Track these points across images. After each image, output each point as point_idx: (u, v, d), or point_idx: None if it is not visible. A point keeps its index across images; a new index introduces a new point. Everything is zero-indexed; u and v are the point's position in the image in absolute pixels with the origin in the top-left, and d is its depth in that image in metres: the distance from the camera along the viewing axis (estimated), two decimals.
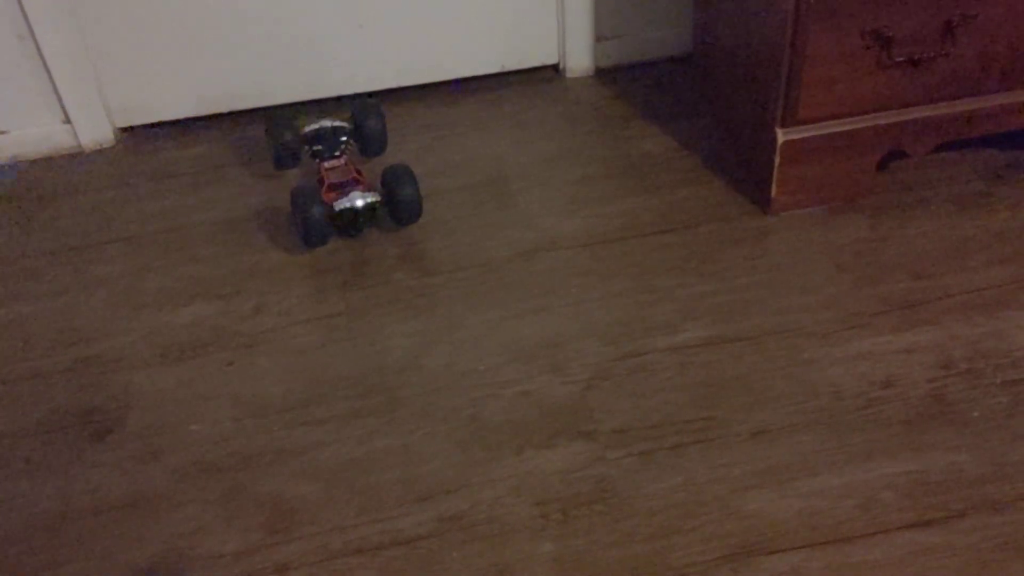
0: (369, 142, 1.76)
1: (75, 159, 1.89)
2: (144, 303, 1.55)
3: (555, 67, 2.02)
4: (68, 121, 1.88)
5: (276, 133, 1.70)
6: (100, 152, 1.90)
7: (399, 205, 1.60)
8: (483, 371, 1.38)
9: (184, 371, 1.43)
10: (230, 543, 1.19)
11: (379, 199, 1.59)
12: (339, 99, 1.96)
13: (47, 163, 1.89)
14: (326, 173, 1.64)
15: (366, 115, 1.75)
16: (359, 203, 1.57)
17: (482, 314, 1.48)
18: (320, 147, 1.69)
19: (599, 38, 1.97)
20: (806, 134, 1.52)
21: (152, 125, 1.94)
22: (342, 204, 1.56)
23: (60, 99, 1.85)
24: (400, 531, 1.19)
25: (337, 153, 1.68)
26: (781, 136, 1.51)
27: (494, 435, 1.30)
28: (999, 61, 1.49)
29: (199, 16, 1.82)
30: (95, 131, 1.90)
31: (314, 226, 1.56)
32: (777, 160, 1.53)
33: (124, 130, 1.94)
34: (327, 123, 1.71)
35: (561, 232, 1.62)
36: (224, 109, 1.95)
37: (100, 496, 1.26)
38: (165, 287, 1.58)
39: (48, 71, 1.82)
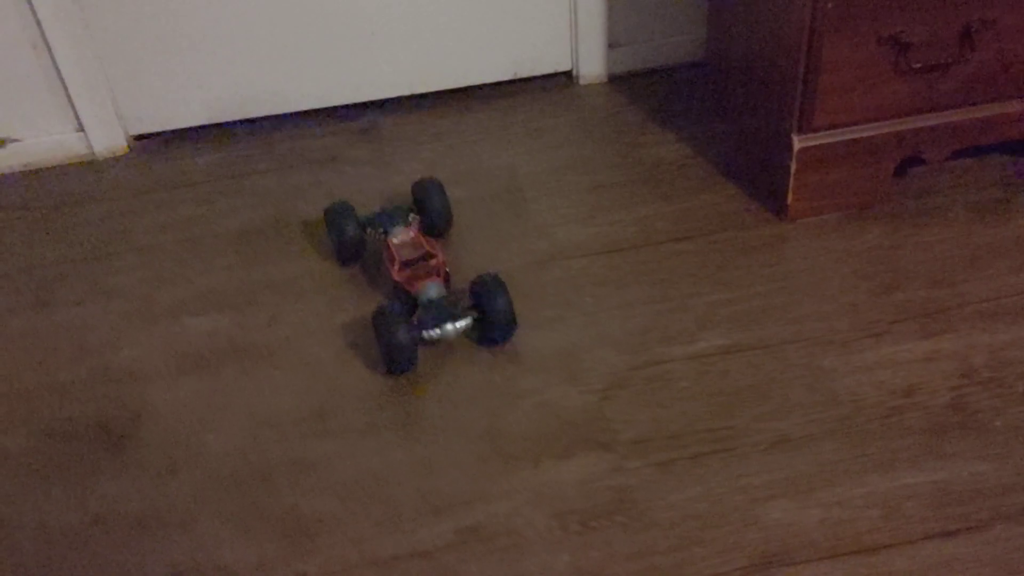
0: (434, 221, 1.61)
1: (88, 167, 1.89)
2: (159, 314, 1.55)
3: (568, 74, 2.01)
4: (81, 129, 1.89)
5: (337, 227, 1.56)
6: (114, 160, 1.90)
7: (494, 322, 1.40)
8: (499, 382, 1.38)
9: (199, 383, 1.42)
10: (247, 556, 1.19)
11: (472, 318, 1.41)
12: (352, 107, 1.96)
13: (61, 171, 1.89)
14: (395, 249, 1.50)
15: (428, 193, 1.61)
16: (452, 334, 1.39)
17: None
18: (384, 225, 1.56)
19: (612, 44, 1.96)
20: (823, 141, 1.51)
21: (165, 133, 1.94)
22: (432, 334, 1.38)
23: (73, 107, 1.86)
24: (418, 543, 1.18)
25: (404, 225, 1.56)
26: (797, 143, 1.50)
27: (511, 446, 1.29)
28: (1017, 67, 1.48)
29: (211, 24, 1.82)
30: (108, 139, 1.90)
31: (400, 353, 1.36)
32: (793, 167, 1.52)
33: (137, 138, 1.94)
34: (388, 206, 1.61)
35: (575, 241, 1.61)
36: (237, 117, 1.95)
37: (115, 508, 1.26)
38: (180, 297, 1.57)
39: (62, 79, 1.82)
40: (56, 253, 1.69)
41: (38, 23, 1.75)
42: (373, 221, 1.57)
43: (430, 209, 1.60)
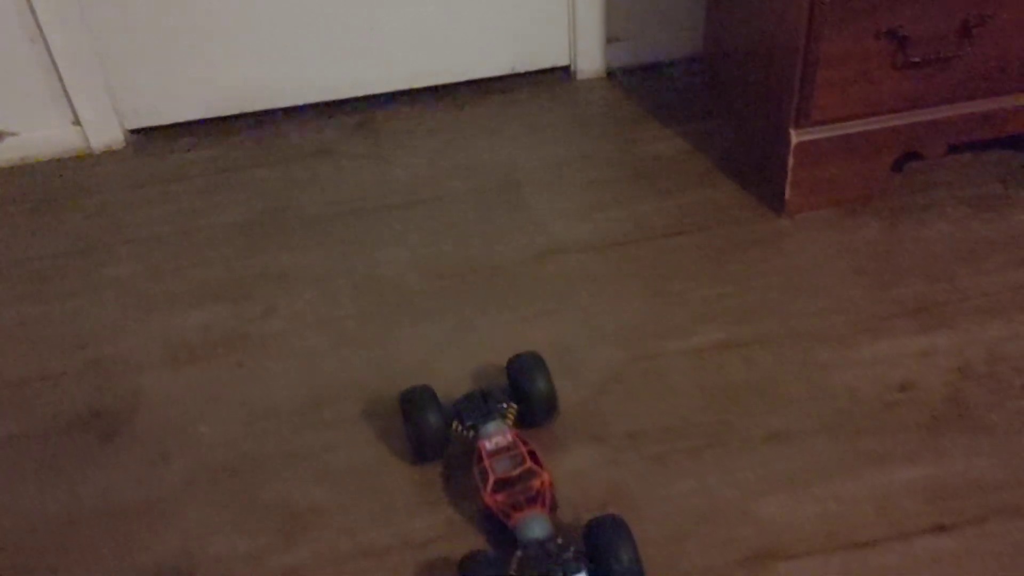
0: (535, 409, 1.27)
1: (85, 161, 1.89)
2: (154, 305, 1.54)
3: (566, 69, 2.01)
4: (78, 123, 1.88)
5: (416, 416, 1.23)
6: (110, 154, 1.90)
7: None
8: (494, 375, 1.37)
9: (194, 373, 1.42)
10: (240, 546, 1.18)
11: (587, 573, 1.06)
12: (349, 101, 1.96)
13: (57, 165, 1.88)
14: (489, 460, 1.17)
15: (528, 374, 1.26)
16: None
17: (493, 317, 1.47)
18: (473, 418, 1.23)
19: (610, 40, 1.96)
20: (820, 135, 1.50)
21: (162, 127, 1.94)
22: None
23: (70, 101, 1.85)
24: (410, 534, 1.18)
25: (498, 419, 1.23)
26: (795, 137, 1.50)
27: None
28: (1016, 61, 1.48)
29: (209, 19, 1.82)
30: (105, 133, 1.90)
31: None
32: (791, 161, 1.52)
33: (134, 132, 1.94)
34: (476, 391, 1.27)
35: (572, 235, 1.61)
36: (234, 112, 1.94)
37: (109, 498, 1.26)
38: (175, 290, 1.57)
39: (58, 73, 1.82)
40: (52, 246, 1.69)
41: (35, 17, 1.75)
42: (461, 413, 1.24)
43: (533, 396, 1.26)
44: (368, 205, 1.71)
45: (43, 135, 1.89)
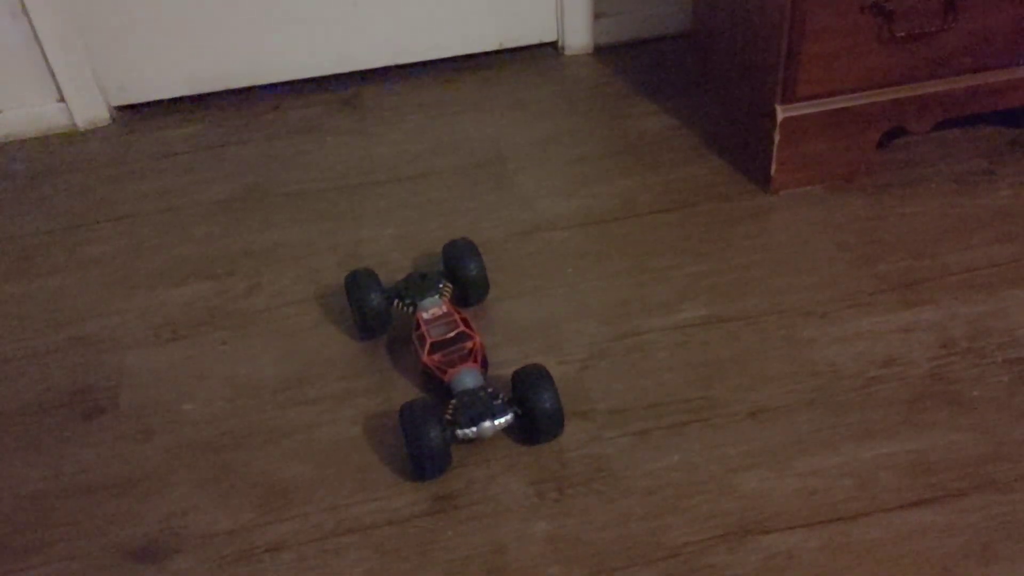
0: (468, 290, 1.42)
1: (70, 138, 1.88)
2: (138, 283, 1.54)
3: (554, 45, 2.00)
4: (62, 100, 1.87)
5: (358, 296, 1.36)
6: (95, 131, 1.89)
7: (538, 420, 1.22)
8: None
9: (177, 351, 1.42)
10: (222, 522, 1.18)
11: (514, 414, 1.22)
12: (335, 77, 1.95)
13: (41, 142, 1.87)
14: (426, 326, 1.31)
15: (461, 258, 1.41)
16: (490, 432, 1.21)
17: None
18: (411, 296, 1.37)
19: (598, 15, 1.95)
20: (806, 111, 1.50)
21: (147, 104, 1.93)
22: (467, 432, 1.20)
23: (54, 78, 1.84)
24: (394, 511, 1.18)
25: (435, 296, 1.37)
26: (781, 113, 1.49)
27: None
28: (1002, 36, 1.47)
29: None
30: (90, 110, 1.89)
31: (431, 456, 1.18)
32: (777, 138, 1.51)
33: (119, 109, 1.93)
34: (415, 273, 1.41)
35: (558, 212, 1.60)
36: (219, 88, 1.93)
37: (91, 475, 1.25)
38: (159, 267, 1.56)
39: (42, 49, 1.80)
40: (35, 223, 1.68)
41: None
42: (401, 291, 1.39)
43: (465, 277, 1.40)
44: (353, 182, 1.71)
45: (27, 112, 1.88)
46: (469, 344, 1.30)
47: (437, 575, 1.11)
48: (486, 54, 1.98)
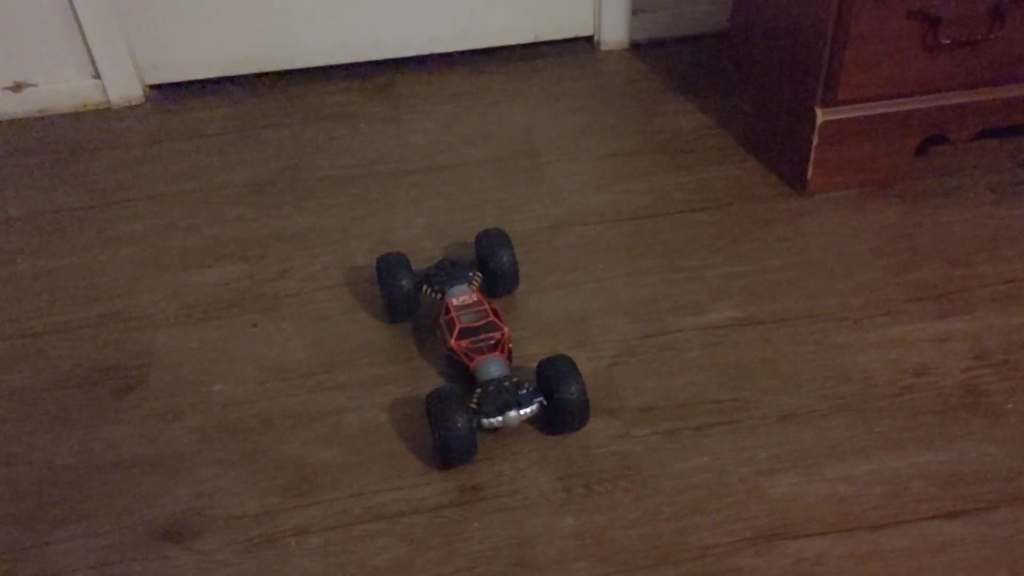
0: (498, 280, 1.42)
1: (103, 115, 1.88)
2: (169, 262, 1.54)
3: (589, 39, 1.99)
4: (98, 76, 1.87)
5: (388, 279, 1.38)
6: (129, 109, 1.89)
7: (564, 411, 1.22)
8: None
9: (208, 331, 1.42)
10: (249, 505, 1.19)
11: (539, 403, 1.23)
12: (370, 64, 1.94)
13: (76, 118, 1.88)
14: (456, 313, 1.32)
15: (494, 247, 1.41)
16: (515, 422, 1.21)
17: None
18: (441, 282, 1.38)
19: (636, 11, 1.94)
20: (846, 115, 1.49)
21: (181, 83, 1.93)
22: (492, 421, 1.20)
23: (90, 54, 1.84)
24: (421, 500, 1.18)
25: (464, 284, 1.37)
26: (820, 116, 1.48)
27: None
28: None
29: None
30: (124, 88, 1.89)
31: (457, 444, 1.18)
32: (815, 140, 1.50)
33: (153, 87, 1.93)
34: (446, 260, 1.42)
35: (590, 207, 1.60)
36: (253, 70, 1.93)
37: (120, 453, 1.26)
38: (191, 247, 1.57)
39: (79, 25, 1.80)
40: (68, 199, 1.68)
41: None
42: (431, 277, 1.39)
43: (496, 266, 1.41)
44: (385, 169, 1.70)
45: (62, 87, 1.88)
46: (497, 335, 1.30)
47: (463, 566, 1.11)
48: (521, 46, 1.97)
